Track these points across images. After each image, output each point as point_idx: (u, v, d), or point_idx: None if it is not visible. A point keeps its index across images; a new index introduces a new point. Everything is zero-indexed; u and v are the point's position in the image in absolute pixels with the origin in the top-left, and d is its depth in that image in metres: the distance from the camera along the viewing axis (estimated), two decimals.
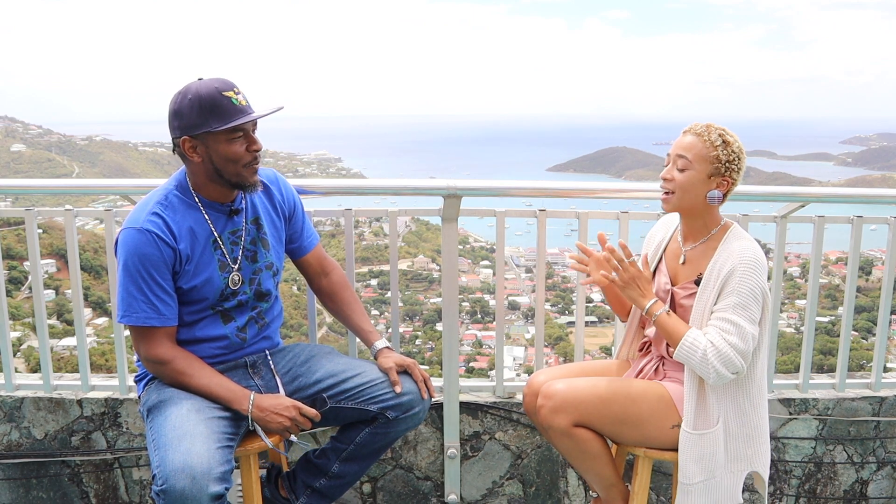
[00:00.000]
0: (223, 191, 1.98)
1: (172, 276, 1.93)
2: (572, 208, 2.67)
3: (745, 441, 1.98)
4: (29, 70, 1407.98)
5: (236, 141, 1.90)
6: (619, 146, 56.57)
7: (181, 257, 1.93)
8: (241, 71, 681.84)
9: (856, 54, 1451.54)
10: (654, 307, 1.96)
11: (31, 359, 10.36)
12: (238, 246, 2.03)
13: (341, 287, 2.31)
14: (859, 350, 11.45)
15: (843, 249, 2.90)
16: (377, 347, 2.21)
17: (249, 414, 1.92)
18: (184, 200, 1.97)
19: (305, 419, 1.96)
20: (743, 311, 1.87)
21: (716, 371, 1.87)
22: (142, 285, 1.89)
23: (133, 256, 1.87)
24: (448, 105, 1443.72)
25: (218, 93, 1.85)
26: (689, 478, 1.94)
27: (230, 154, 1.89)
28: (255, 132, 1.96)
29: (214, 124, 1.85)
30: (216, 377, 1.96)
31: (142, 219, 1.89)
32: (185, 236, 1.93)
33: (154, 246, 1.88)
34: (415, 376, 2.13)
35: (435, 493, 2.74)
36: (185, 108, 1.86)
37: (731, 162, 1.94)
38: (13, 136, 35.45)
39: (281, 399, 1.97)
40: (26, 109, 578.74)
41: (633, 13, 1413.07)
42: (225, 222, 2.01)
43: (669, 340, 1.95)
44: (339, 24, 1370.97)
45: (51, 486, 2.70)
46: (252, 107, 1.93)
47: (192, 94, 1.86)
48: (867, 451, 2.80)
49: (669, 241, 2.14)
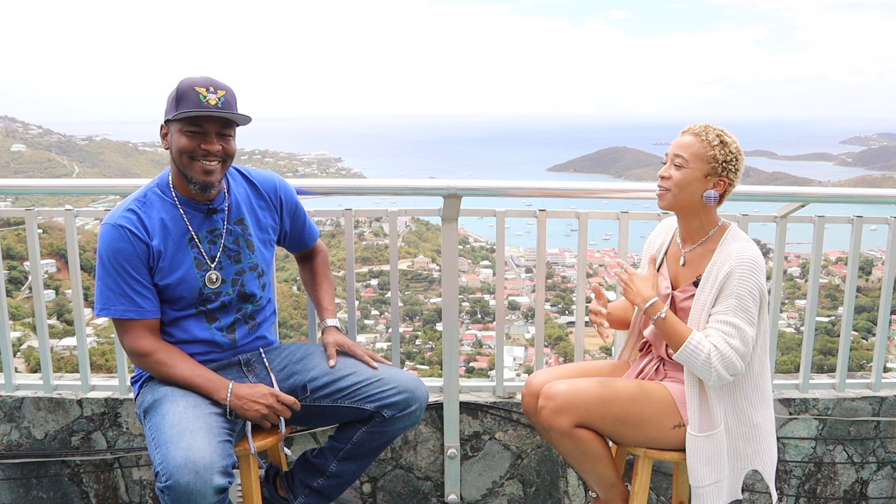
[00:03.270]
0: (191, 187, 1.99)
1: (149, 272, 1.96)
2: (572, 208, 2.68)
3: (744, 439, 1.99)
4: (29, 70, 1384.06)
5: (193, 136, 1.91)
6: (619, 146, 56.56)
7: (153, 253, 1.96)
8: (242, 71, 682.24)
9: (857, 54, 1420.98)
10: (653, 308, 1.96)
11: (31, 359, 10.35)
12: (217, 245, 2.04)
13: (322, 265, 2.39)
14: (859, 350, 11.45)
15: (843, 249, 2.90)
16: (326, 324, 2.24)
17: (228, 403, 1.92)
18: (162, 198, 2.00)
19: (284, 407, 1.97)
20: (743, 314, 1.87)
21: (717, 374, 1.87)
22: (117, 279, 1.93)
23: (108, 251, 1.93)
24: (448, 105, 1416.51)
25: (192, 86, 1.89)
26: (700, 480, 1.94)
27: (181, 145, 1.92)
28: (222, 136, 1.93)
29: (172, 112, 1.90)
30: (197, 368, 1.98)
31: (117, 214, 1.95)
32: (157, 233, 1.96)
33: (127, 241, 1.92)
34: (356, 355, 2.16)
35: (435, 493, 2.74)
36: (169, 96, 1.93)
37: (729, 162, 1.94)
38: (13, 136, 35.46)
39: (258, 387, 1.97)
40: (26, 109, 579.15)
41: (635, 13, 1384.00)
42: (202, 220, 2.03)
43: (669, 342, 1.95)
44: (340, 23, 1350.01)
45: (51, 486, 2.70)
46: (230, 109, 1.90)
47: (178, 84, 1.92)
48: (867, 451, 2.80)
49: (670, 244, 2.15)
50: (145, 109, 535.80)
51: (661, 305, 1.96)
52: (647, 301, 1.96)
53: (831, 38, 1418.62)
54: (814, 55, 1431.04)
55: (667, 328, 1.94)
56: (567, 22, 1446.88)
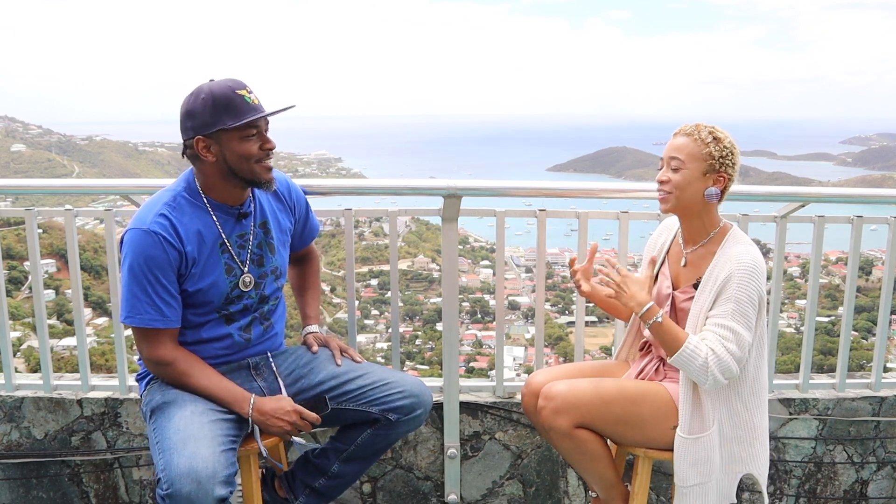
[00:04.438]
0: (234, 192, 1.98)
1: (178, 279, 1.93)
2: (572, 208, 2.67)
3: (739, 443, 1.99)
4: (29, 70, 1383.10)
5: (250, 139, 1.90)
6: (619, 146, 56.55)
7: (187, 260, 1.92)
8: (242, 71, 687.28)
9: (857, 54, 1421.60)
10: (649, 313, 1.92)
11: (31, 359, 10.35)
12: (245, 249, 2.03)
13: (313, 274, 2.40)
14: (859, 350, 11.45)
15: (843, 249, 2.90)
16: (308, 330, 2.27)
17: (250, 417, 1.92)
18: (192, 202, 1.96)
19: (306, 423, 1.97)
20: (741, 318, 1.87)
21: (713, 378, 1.87)
22: (146, 287, 1.88)
23: (139, 258, 1.86)
24: (448, 105, 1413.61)
25: (231, 91, 1.86)
26: (685, 481, 1.95)
27: (244, 152, 1.90)
28: (267, 131, 1.96)
29: (228, 122, 1.86)
30: (217, 379, 1.96)
31: (149, 219, 1.88)
32: (191, 239, 1.92)
33: (160, 248, 1.87)
34: (330, 347, 2.19)
35: (435, 493, 2.74)
36: (198, 108, 1.86)
37: (724, 157, 1.94)
38: (13, 136, 35.46)
39: (282, 402, 1.97)
40: (26, 109, 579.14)
41: (635, 13, 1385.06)
42: (233, 225, 2.01)
43: (665, 347, 1.93)
44: (340, 23, 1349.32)
45: (51, 486, 2.70)
46: (264, 106, 1.93)
47: (204, 93, 1.86)
48: (867, 451, 2.80)
49: (671, 244, 2.15)
50: (145, 109, 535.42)
51: (656, 310, 1.92)
52: (642, 306, 1.93)
53: (831, 38, 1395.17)
54: (814, 55, 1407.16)
55: (662, 333, 1.91)
56: (567, 22, 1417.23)
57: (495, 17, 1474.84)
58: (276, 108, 1.94)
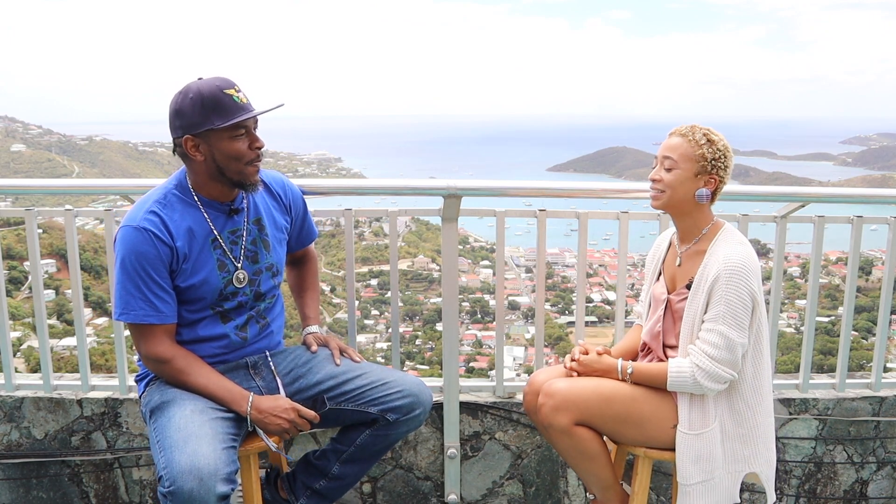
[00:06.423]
0: (224, 190, 1.99)
1: (170, 275, 1.93)
2: (572, 208, 2.68)
3: (741, 442, 1.99)
4: (29, 70, 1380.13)
5: (239, 138, 1.91)
6: (619, 146, 56.52)
7: (178, 255, 1.93)
8: (242, 71, 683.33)
9: (857, 54, 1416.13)
10: (623, 370, 2.03)
11: (31, 359, 10.36)
12: (238, 246, 2.03)
13: (312, 275, 2.40)
14: (859, 350, 11.45)
15: (843, 249, 2.90)
16: (308, 331, 2.28)
17: (248, 415, 1.92)
18: (183, 199, 1.97)
19: (304, 421, 1.97)
20: (731, 320, 1.89)
21: (709, 388, 1.92)
22: (139, 283, 1.89)
23: (130, 254, 1.88)
24: (448, 105, 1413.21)
25: (219, 90, 1.86)
26: (688, 478, 1.95)
27: (232, 151, 1.90)
28: (256, 130, 1.96)
29: (217, 122, 1.86)
30: (215, 377, 1.96)
31: (139, 217, 1.90)
32: (182, 234, 1.93)
33: (151, 244, 1.88)
34: (330, 347, 2.20)
35: (435, 493, 2.74)
36: (186, 107, 1.87)
37: (717, 160, 1.96)
38: (13, 136, 35.44)
39: (280, 401, 1.97)
40: (26, 109, 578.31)
41: (635, 13, 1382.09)
42: (224, 221, 2.01)
43: (654, 384, 2.00)
44: (340, 23, 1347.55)
45: (51, 486, 2.70)
46: (253, 104, 1.93)
47: (192, 92, 1.86)
48: (867, 451, 2.80)
49: (668, 249, 2.17)
50: (145, 109, 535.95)
51: (625, 366, 2.03)
52: (614, 370, 2.03)
53: (831, 38, 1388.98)
54: (814, 55, 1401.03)
55: (643, 377, 2.01)
56: (567, 22, 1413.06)
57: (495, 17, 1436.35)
58: (265, 108, 1.94)
